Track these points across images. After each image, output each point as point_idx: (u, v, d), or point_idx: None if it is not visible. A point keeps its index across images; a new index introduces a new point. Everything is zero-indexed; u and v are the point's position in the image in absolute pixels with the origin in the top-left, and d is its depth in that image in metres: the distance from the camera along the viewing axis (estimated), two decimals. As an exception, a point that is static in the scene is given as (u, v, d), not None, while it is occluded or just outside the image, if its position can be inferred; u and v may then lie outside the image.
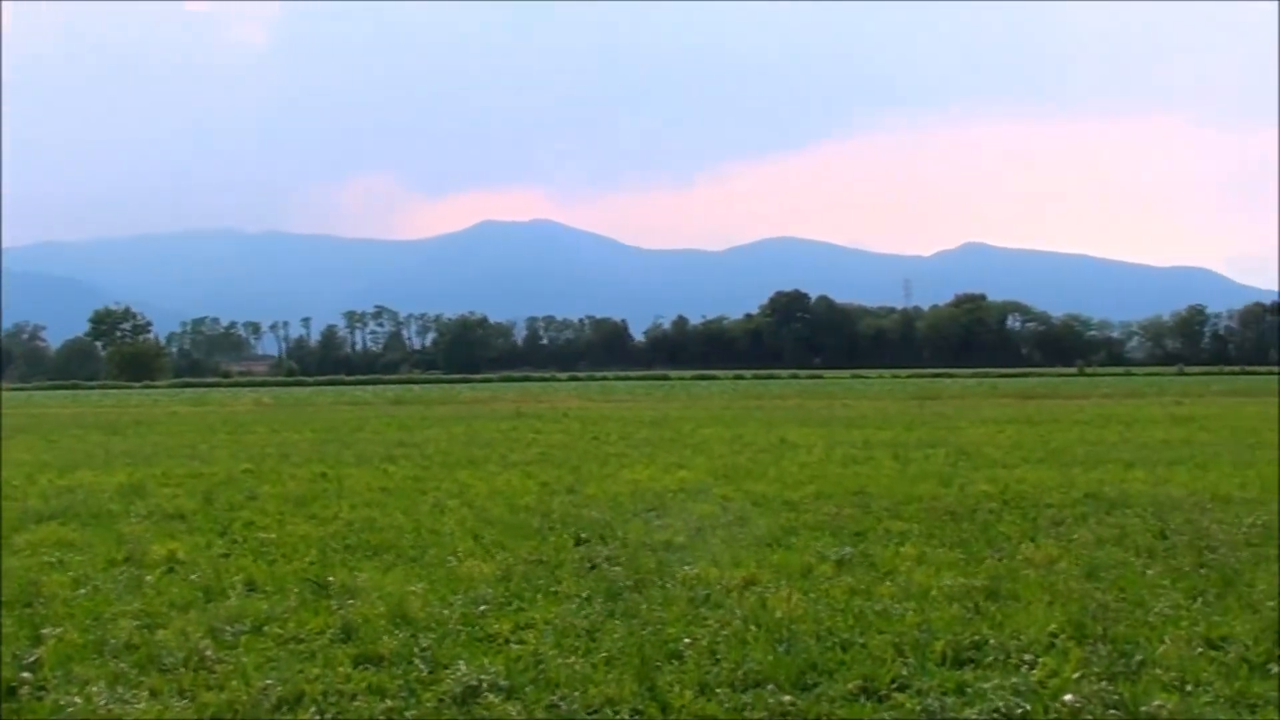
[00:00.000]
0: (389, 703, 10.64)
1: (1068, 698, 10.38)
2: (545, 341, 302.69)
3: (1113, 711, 10.16)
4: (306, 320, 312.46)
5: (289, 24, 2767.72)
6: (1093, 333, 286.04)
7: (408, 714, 10.44)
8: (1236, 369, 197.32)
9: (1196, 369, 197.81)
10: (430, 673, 11.36)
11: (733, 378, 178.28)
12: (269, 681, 11.07)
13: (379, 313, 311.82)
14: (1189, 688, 10.69)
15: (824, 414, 62.38)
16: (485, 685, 10.82)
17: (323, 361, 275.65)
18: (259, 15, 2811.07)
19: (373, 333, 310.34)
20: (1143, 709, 10.16)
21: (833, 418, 57.88)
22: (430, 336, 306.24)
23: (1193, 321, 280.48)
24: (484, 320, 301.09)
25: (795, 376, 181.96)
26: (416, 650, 12.04)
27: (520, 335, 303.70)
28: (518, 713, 10.38)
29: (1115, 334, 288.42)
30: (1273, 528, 19.19)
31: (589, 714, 10.39)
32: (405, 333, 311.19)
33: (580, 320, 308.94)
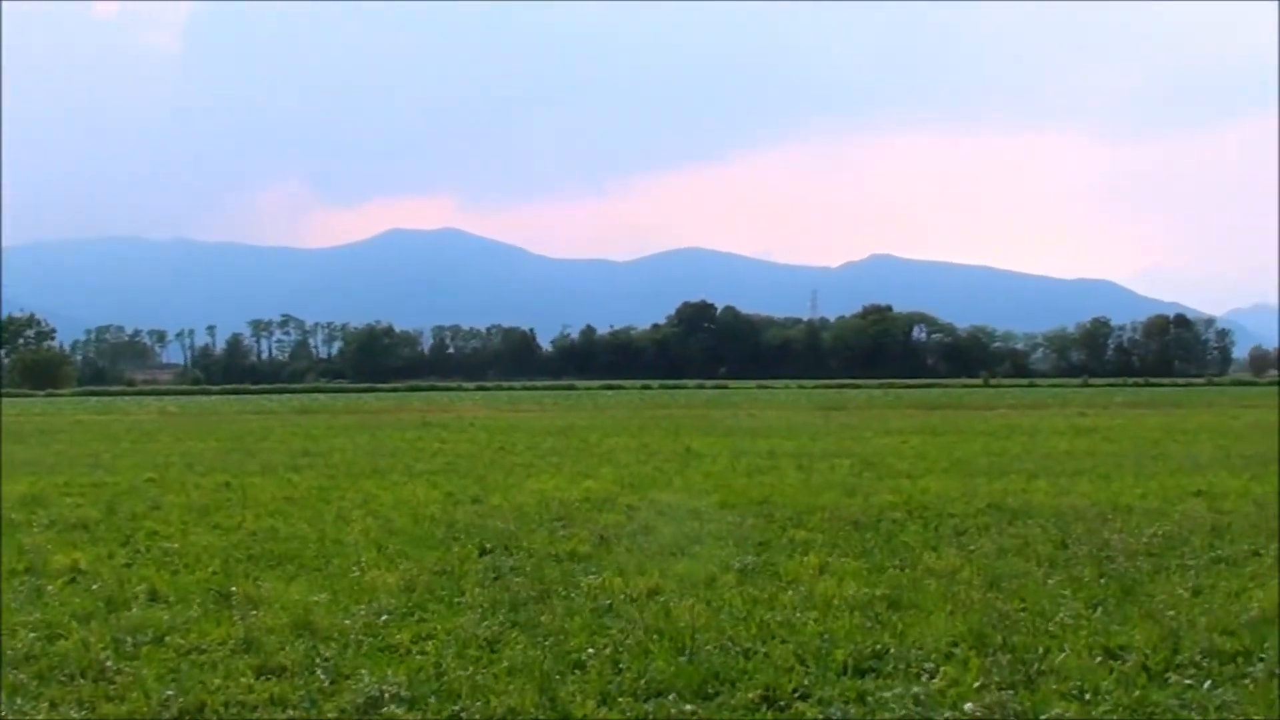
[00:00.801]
0: (290, 713, 10.65)
1: (968, 707, 10.52)
2: (452, 351, 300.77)
3: (1012, 720, 10.29)
4: (212, 329, 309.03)
5: (200, 29, 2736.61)
6: (998, 344, 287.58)
7: (309, 725, 10.44)
8: (1140, 380, 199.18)
9: (1101, 380, 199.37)
10: (332, 683, 11.35)
11: (640, 387, 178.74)
12: (170, 693, 11.04)
13: (285, 321, 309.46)
14: (1088, 696, 10.84)
15: (729, 424, 62.61)
16: (387, 696, 10.83)
17: (228, 370, 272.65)
18: (170, 20, 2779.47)
19: (279, 341, 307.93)
20: (1042, 717, 10.31)
21: (738, 428, 58.09)
22: (336, 345, 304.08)
23: (1097, 333, 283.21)
24: (390, 329, 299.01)
25: (702, 386, 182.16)
26: (318, 661, 12.04)
27: (427, 344, 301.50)
28: (419, 723, 10.40)
29: (1020, 345, 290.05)
30: (1173, 538, 19.46)
31: (490, 724, 10.41)
32: (312, 341, 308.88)
33: (487, 329, 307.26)
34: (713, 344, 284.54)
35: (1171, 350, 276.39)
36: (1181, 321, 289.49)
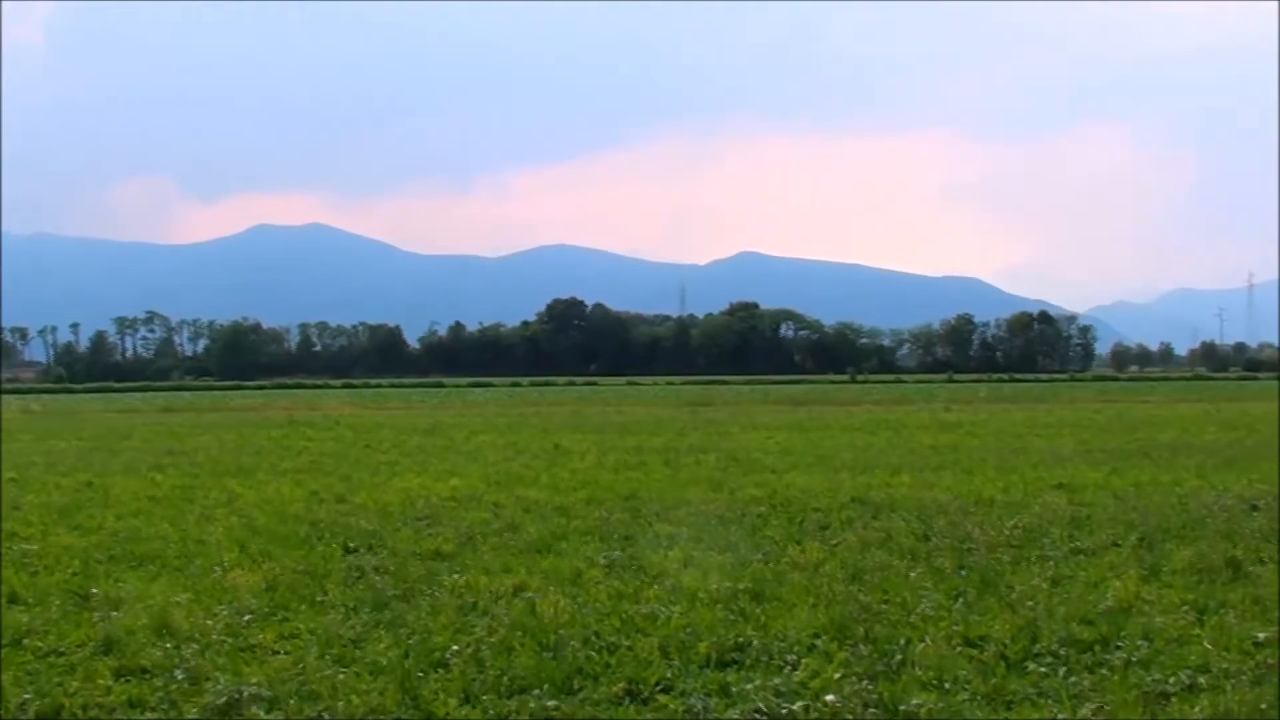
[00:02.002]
0: (149, 715, 10.59)
1: (829, 698, 10.62)
2: (319, 348, 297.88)
3: (872, 710, 10.42)
4: (75, 326, 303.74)
5: (62, 23, 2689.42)
6: (864, 340, 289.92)
7: (168, 726, 10.35)
8: (1004, 376, 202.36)
9: (965, 376, 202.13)
10: (192, 684, 11.26)
11: (509, 385, 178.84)
12: (27, 695, 10.94)
13: (150, 318, 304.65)
14: (947, 686, 10.99)
15: (598, 420, 62.87)
16: (247, 697, 10.75)
17: (92, 368, 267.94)
18: (36, 16, 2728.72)
19: (144, 339, 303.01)
20: (901, 708, 10.43)
21: (606, 424, 58.30)
22: (202, 343, 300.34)
23: (962, 330, 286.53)
24: (257, 326, 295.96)
25: (571, 383, 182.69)
26: (178, 662, 11.91)
27: (293, 342, 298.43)
28: (279, 723, 10.34)
29: (886, 342, 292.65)
30: (1033, 530, 19.77)
31: (352, 724, 10.38)
32: (177, 339, 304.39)
33: (354, 327, 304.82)
34: (583, 341, 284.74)
35: (1035, 346, 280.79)
36: (1045, 318, 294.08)
